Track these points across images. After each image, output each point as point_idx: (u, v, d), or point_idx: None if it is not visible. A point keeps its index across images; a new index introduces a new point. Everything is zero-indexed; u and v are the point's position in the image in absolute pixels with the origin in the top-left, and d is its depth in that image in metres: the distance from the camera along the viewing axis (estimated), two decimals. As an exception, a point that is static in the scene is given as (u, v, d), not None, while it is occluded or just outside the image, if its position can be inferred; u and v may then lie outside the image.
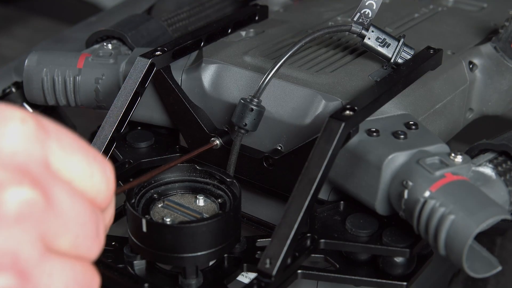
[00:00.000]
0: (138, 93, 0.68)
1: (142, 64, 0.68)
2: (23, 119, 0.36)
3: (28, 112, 0.36)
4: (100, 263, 0.57)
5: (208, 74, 0.70)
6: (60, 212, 0.36)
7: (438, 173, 0.54)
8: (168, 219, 0.56)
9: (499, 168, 0.59)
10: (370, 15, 0.67)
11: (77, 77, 0.75)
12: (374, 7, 0.67)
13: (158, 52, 0.69)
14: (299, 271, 0.58)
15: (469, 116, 0.75)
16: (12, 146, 0.35)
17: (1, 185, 0.33)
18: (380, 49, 0.68)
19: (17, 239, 0.34)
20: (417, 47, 0.69)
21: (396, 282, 0.59)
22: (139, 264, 0.58)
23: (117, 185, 0.69)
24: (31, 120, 0.36)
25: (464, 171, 0.56)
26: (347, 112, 0.57)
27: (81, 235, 0.37)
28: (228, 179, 0.60)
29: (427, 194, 0.53)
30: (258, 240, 0.61)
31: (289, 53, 0.64)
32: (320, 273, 0.59)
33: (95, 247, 0.39)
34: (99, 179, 0.39)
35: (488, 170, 0.59)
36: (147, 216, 0.56)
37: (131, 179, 0.68)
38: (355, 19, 0.68)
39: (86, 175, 0.39)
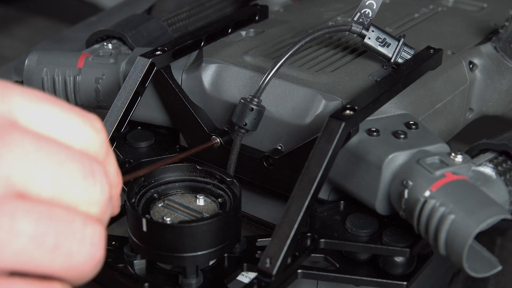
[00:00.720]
0: (138, 93, 0.68)
1: (142, 64, 0.68)
2: None
3: None
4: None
5: (208, 74, 0.70)
6: (21, 154, 0.33)
7: (438, 172, 0.54)
8: (168, 219, 0.56)
9: (499, 168, 0.59)
10: (370, 15, 0.67)
11: (77, 77, 0.75)
12: (374, 7, 0.67)
13: (158, 52, 0.69)
14: (299, 270, 0.58)
15: (469, 116, 0.75)
16: None
17: None
18: (380, 49, 0.68)
19: None
20: (417, 47, 0.69)
21: (396, 282, 0.59)
22: (139, 264, 0.58)
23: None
24: None
25: (464, 171, 0.56)
26: (347, 111, 0.57)
27: (58, 178, 0.34)
28: (228, 179, 0.60)
29: (427, 193, 0.53)
30: (258, 239, 0.61)
31: (289, 53, 0.64)
32: (320, 273, 0.59)
33: (85, 192, 0.35)
34: (82, 127, 0.36)
35: (488, 170, 0.59)
36: (147, 215, 0.56)
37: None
38: (355, 19, 0.68)
39: (64, 124, 0.36)
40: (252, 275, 0.56)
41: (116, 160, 0.40)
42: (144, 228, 0.54)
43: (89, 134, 0.37)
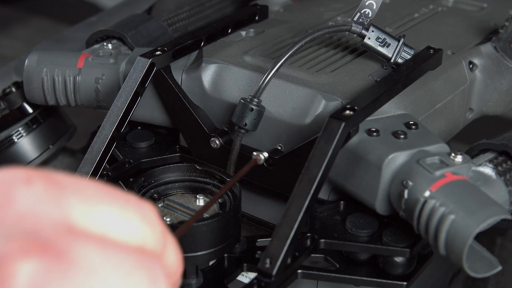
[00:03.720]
0: (138, 93, 0.68)
1: (142, 64, 0.68)
2: (28, 179, 0.32)
3: (35, 171, 0.33)
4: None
5: (208, 74, 0.70)
6: (89, 271, 0.31)
7: (438, 172, 0.54)
8: (168, 219, 0.56)
9: (499, 168, 0.59)
10: (370, 15, 0.67)
11: (77, 77, 0.75)
12: (374, 7, 0.67)
13: (158, 52, 0.69)
14: (299, 271, 0.58)
15: (469, 116, 0.75)
16: (18, 211, 0.31)
17: (7, 259, 0.30)
18: (380, 49, 0.68)
19: None
20: (417, 47, 0.69)
21: (396, 282, 0.59)
22: (139, 264, 0.58)
23: (117, 184, 0.69)
24: (38, 178, 0.32)
25: (464, 171, 0.56)
26: (347, 112, 0.57)
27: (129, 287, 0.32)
28: (228, 179, 0.60)
29: (427, 193, 0.53)
30: (258, 240, 0.61)
31: (289, 53, 0.64)
32: (320, 273, 0.59)
33: None
34: (139, 224, 0.34)
35: (488, 170, 0.59)
36: (147, 216, 0.56)
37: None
38: (355, 19, 0.68)
39: (122, 223, 0.34)
40: (252, 275, 0.56)
41: (175, 246, 0.37)
42: (144, 228, 0.54)
43: (146, 230, 0.34)
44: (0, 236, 0.30)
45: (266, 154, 0.56)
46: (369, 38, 0.68)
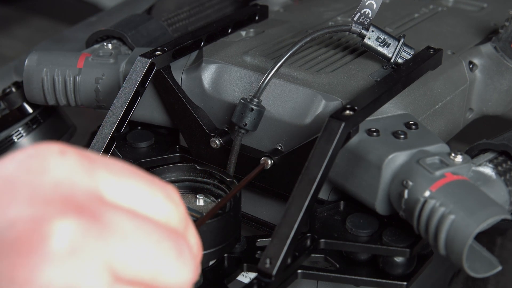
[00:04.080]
0: (138, 93, 0.68)
1: (142, 64, 0.68)
2: (62, 151, 0.33)
3: (68, 145, 0.34)
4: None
5: (208, 74, 0.70)
6: (122, 235, 0.32)
7: (438, 172, 0.54)
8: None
9: (499, 168, 0.59)
10: (370, 15, 0.67)
11: (77, 77, 0.75)
12: (374, 7, 0.67)
13: (158, 52, 0.69)
14: (299, 271, 0.58)
15: (469, 116, 0.75)
16: (54, 178, 0.33)
17: (45, 220, 0.31)
18: (380, 49, 0.68)
19: (76, 273, 0.31)
20: (417, 47, 0.69)
21: (396, 282, 0.59)
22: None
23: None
24: (71, 151, 0.34)
25: (464, 171, 0.56)
26: (347, 112, 0.57)
27: (156, 258, 0.33)
28: (228, 179, 0.60)
29: (427, 193, 0.53)
30: (258, 240, 0.61)
31: (289, 53, 0.64)
32: (320, 273, 0.59)
33: (178, 273, 0.34)
34: (164, 201, 0.35)
35: (488, 170, 0.59)
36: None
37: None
38: (355, 19, 0.68)
39: (148, 198, 0.35)
40: (252, 275, 0.56)
41: (195, 231, 0.38)
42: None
43: (170, 207, 0.36)
44: (38, 201, 0.32)
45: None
46: (369, 38, 0.68)
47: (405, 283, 0.59)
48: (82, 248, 0.31)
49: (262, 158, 0.65)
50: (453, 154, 0.56)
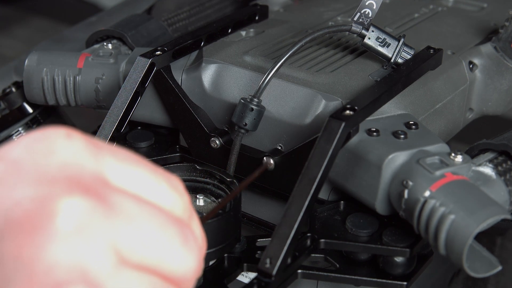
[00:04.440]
0: (138, 93, 0.68)
1: (142, 64, 0.68)
2: (68, 134, 0.34)
3: (75, 130, 0.34)
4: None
5: (208, 74, 0.70)
6: (128, 217, 0.32)
7: (438, 172, 0.54)
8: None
9: (499, 168, 0.59)
10: (370, 15, 0.67)
11: (77, 77, 0.75)
12: (374, 7, 0.67)
13: (158, 52, 0.69)
14: (299, 270, 0.58)
15: (469, 116, 0.75)
16: (60, 160, 0.33)
17: (52, 198, 0.31)
18: (380, 49, 0.68)
19: (82, 251, 0.31)
20: (417, 47, 0.69)
21: (396, 282, 0.59)
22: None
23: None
24: (78, 135, 0.34)
25: (464, 171, 0.56)
26: (347, 112, 0.57)
27: (161, 243, 0.33)
28: (228, 179, 0.60)
29: (427, 193, 0.53)
30: (258, 240, 0.61)
31: (289, 53, 0.64)
32: (320, 273, 0.59)
33: (183, 259, 0.34)
34: (168, 190, 0.35)
35: (488, 170, 0.59)
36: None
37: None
38: (355, 19, 0.68)
39: (152, 186, 0.35)
40: (252, 275, 0.56)
41: (200, 224, 0.38)
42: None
43: (174, 196, 0.36)
44: (44, 181, 0.32)
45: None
46: (369, 38, 0.68)
47: (405, 283, 0.59)
48: (88, 226, 0.31)
49: (265, 158, 0.65)
50: (453, 154, 0.56)
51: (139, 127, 0.76)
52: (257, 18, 0.80)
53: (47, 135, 0.34)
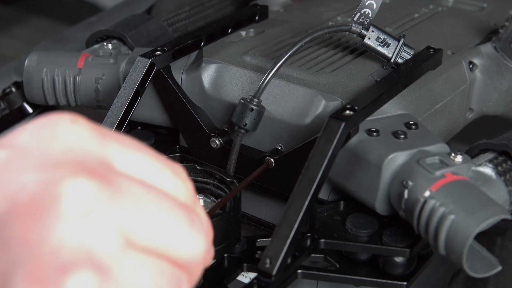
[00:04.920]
0: (138, 93, 0.68)
1: (142, 64, 0.68)
2: (73, 120, 0.34)
3: (80, 116, 0.34)
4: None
5: (208, 74, 0.70)
6: (134, 199, 0.32)
7: (438, 173, 0.54)
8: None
9: (499, 168, 0.59)
10: (370, 15, 0.67)
11: (77, 77, 0.75)
12: (374, 7, 0.67)
13: (158, 52, 0.69)
14: (299, 271, 0.58)
15: (469, 116, 0.75)
16: (65, 144, 0.33)
17: (57, 181, 0.31)
18: (380, 49, 0.68)
19: (88, 233, 0.31)
20: (417, 47, 0.69)
21: (396, 282, 0.59)
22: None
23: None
24: (82, 120, 0.34)
25: (464, 171, 0.56)
26: (347, 112, 0.57)
27: (168, 225, 0.33)
28: (228, 179, 0.60)
29: (427, 193, 0.53)
30: (258, 240, 0.61)
31: (289, 53, 0.64)
32: (320, 273, 0.59)
33: (190, 242, 0.34)
34: (172, 176, 0.35)
35: (488, 170, 0.59)
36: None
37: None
38: (355, 19, 0.68)
39: (156, 172, 0.35)
40: (252, 275, 0.56)
41: (204, 211, 0.38)
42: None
43: (178, 183, 0.36)
44: (49, 165, 0.32)
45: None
46: (369, 38, 0.68)
47: (405, 283, 0.59)
48: (94, 208, 0.31)
49: (266, 158, 0.65)
50: (453, 154, 0.56)
51: (139, 127, 0.76)
52: (257, 18, 0.80)
53: (51, 120, 0.34)
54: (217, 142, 0.68)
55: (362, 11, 0.68)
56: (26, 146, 0.33)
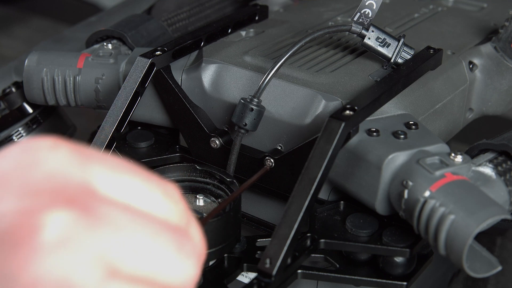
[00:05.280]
0: (138, 93, 0.68)
1: (142, 64, 0.68)
2: (54, 145, 0.33)
3: (62, 139, 0.33)
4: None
5: (208, 74, 0.70)
6: (116, 227, 0.31)
7: (438, 173, 0.54)
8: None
9: (499, 168, 0.59)
10: (370, 15, 0.67)
11: (77, 77, 0.75)
12: (374, 7, 0.67)
13: (158, 52, 0.69)
14: (299, 271, 0.58)
15: (469, 116, 0.75)
16: (45, 171, 0.32)
17: (36, 211, 0.30)
18: (380, 49, 0.68)
19: (67, 266, 0.30)
20: (417, 47, 0.69)
21: (396, 282, 0.59)
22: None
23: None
24: (64, 145, 0.33)
25: (464, 171, 0.56)
26: (347, 112, 0.57)
27: (154, 252, 0.32)
28: (228, 179, 0.60)
29: (427, 194, 0.53)
30: (258, 240, 0.61)
31: (289, 53, 0.64)
32: (320, 273, 0.59)
33: (179, 268, 0.33)
34: (162, 198, 0.34)
35: (488, 170, 0.59)
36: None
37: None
38: (355, 19, 0.68)
39: (145, 195, 0.34)
40: (252, 275, 0.56)
41: (199, 228, 0.36)
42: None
43: (169, 205, 0.34)
44: (28, 193, 0.31)
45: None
46: (369, 38, 0.68)
47: (405, 283, 0.59)
48: (73, 239, 0.30)
49: (266, 158, 0.65)
50: (453, 154, 0.56)
51: (139, 127, 0.76)
52: (257, 18, 0.80)
53: (32, 146, 0.33)
54: (217, 142, 0.68)
55: (362, 11, 0.68)
56: (5, 173, 0.32)
